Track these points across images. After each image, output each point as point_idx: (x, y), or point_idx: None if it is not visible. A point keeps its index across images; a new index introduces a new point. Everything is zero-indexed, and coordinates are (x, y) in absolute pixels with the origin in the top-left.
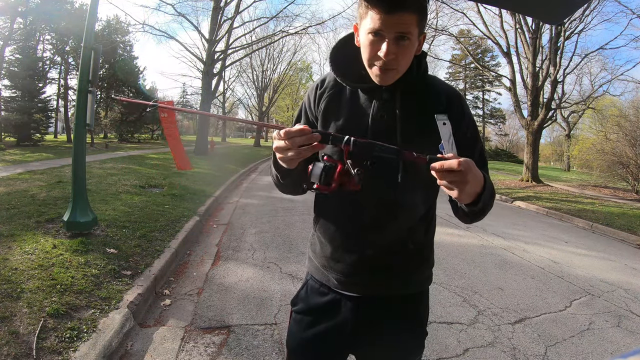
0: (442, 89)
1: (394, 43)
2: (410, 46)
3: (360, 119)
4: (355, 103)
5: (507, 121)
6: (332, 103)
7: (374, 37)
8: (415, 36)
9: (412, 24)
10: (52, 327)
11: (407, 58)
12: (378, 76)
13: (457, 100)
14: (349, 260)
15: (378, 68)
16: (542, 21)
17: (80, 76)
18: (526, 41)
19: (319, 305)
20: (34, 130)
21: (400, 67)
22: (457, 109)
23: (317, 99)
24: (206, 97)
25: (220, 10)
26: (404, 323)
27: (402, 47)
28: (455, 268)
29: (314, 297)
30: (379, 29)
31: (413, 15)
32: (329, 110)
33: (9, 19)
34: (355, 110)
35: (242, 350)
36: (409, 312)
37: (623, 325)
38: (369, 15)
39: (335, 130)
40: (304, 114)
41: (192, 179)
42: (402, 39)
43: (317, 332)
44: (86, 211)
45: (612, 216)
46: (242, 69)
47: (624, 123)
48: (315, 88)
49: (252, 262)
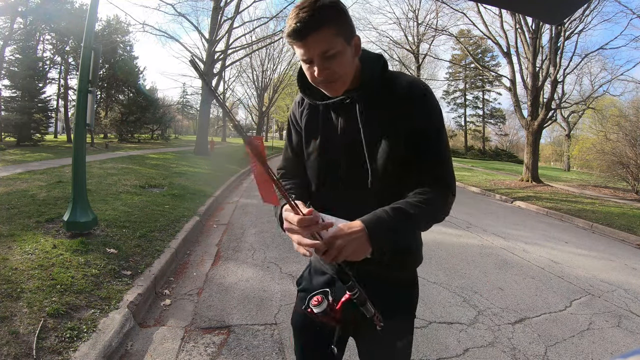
0: (403, 88)
1: (323, 61)
2: (341, 56)
3: (333, 134)
4: (328, 118)
5: (507, 121)
6: (310, 120)
7: (306, 63)
8: (341, 45)
9: (330, 38)
10: (52, 327)
11: (344, 66)
12: (327, 91)
13: (419, 99)
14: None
15: (322, 84)
16: (542, 21)
17: (80, 76)
18: (526, 41)
19: (320, 284)
20: (34, 130)
21: (342, 77)
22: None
23: (299, 115)
24: (206, 97)
25: (220, 10)
26: (395, 304)
27: (332, 61)
28: (455, 268)
29: (316, 276)
30: (304, 56)
31: (328, 29)
32: (309, 127)
33: (9, 19)
34: (329, 125)
35: (242, 350)
36: (401, 294)
37: (623, 325)
38: (295, 48)
39: (314, 147)
40: (293, 127)
41: (192, 179)
42: (328, 57)
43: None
44: (86, 211)
45: (612, 216)
46: (242, 69)
47: (624, 123)
48: (297, 105)
49: (252, 262)
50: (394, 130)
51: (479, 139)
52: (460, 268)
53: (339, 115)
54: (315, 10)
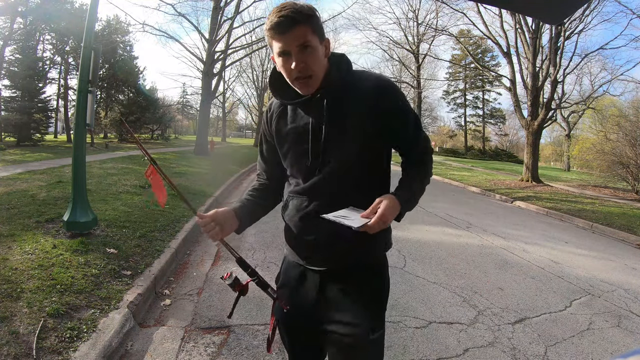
0: (368, 85)
1: (300, 53)
2: (315, 52)
3: (302, 129)
4: (297, 118)
5: (507, 121)
6: (280, 123)
7: (283, 57)
8: (316, 42)
9: (308, 34)
10: (52, 327)
11: (317, 62)
12: (301, 88)
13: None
14: (307, 242)
15: (297, 81)
16: (542, 21)
17: (80, 76)
18: (526, 41)
19: (295, 278)
20: (34, 130)
21: (315, 72)
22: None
23: (268, 122)
24: (206, 97)
25: (220, 10)
26: (363, 293)
27: (307, 54)
28: (455, 268)
29: (290, 270)
30: (283, 48)
31: (306, 27)
32: (279, 129)
33: (9, 19)
34: (298, 124)
35: (242, 350)
36: (368, 281)
37: (623, 325)
38: (274, 42)
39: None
40: (264, 136)
41: (192, 179)
42: (304, 48)
43: (293, 304)
44: (86, 211)
45: (612, 216)
46: (242, 69)
47: (624, 123)
48: (266, 113)
49: (252, 262)
50: (359, 123)
51: (479, 139)
52: (460, 268)
53: (308, 112)
54: (295, 10)
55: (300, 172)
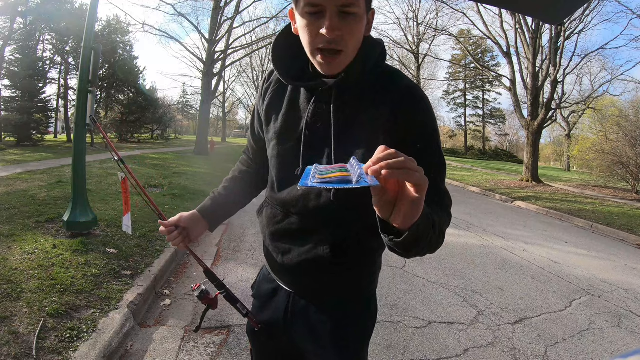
0: (400, 88)
1: (338, 16)
2: (358, 22)
3: (296, 123)
4: (295, 104)
5: (507, 121)
6: (274, 101)
7: (312, 14)
8: (362, 10)
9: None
10: (52, 327)
11: (356, 38)
12: (322, 64)
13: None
14: (278, 258)
15: (321, 54)
16: (542, 21)
17: (80, 76)
18: (526, 41)
19: (267, 292)
20: (34, 130)
21: (348, 49)
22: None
23: (262, 94)
24: (206, 97)
25: (220, 10)
26: (344, 329)
27: (347, 23)
28: (455, 268)
29: (264, 283)
30: (318, 2)
31: None
32: (272, 108)
33: (9, 19)
34: (294, 112)
35: (242, 350)
36: (353, 318)
37: (623, 325)
38: None
39: (273, 132)
40: (256, 110)
41: (192, 179)
42: (346, 14)
43: (262, 319)
44: (86, 211)
45: (612, 216)
46: (242, 69)
47: (624, 123)
48: (263, 81)
49: (252, 262)
50: (373, 131)
51: (479, 139)
52: (460, 268)
53: (310, 103)
54: None
55: (283, 178)
